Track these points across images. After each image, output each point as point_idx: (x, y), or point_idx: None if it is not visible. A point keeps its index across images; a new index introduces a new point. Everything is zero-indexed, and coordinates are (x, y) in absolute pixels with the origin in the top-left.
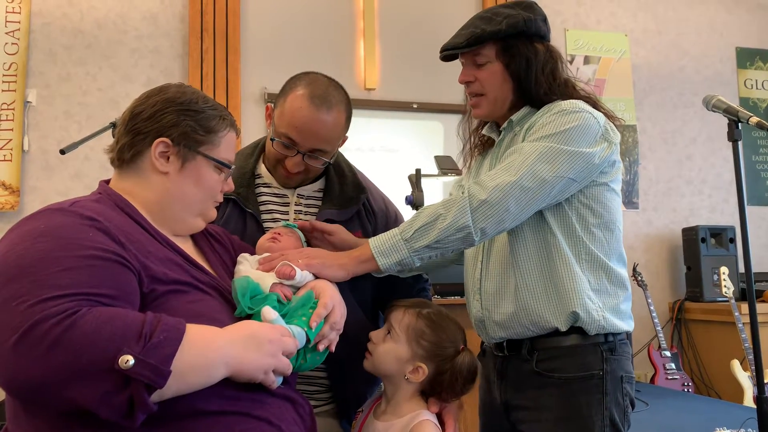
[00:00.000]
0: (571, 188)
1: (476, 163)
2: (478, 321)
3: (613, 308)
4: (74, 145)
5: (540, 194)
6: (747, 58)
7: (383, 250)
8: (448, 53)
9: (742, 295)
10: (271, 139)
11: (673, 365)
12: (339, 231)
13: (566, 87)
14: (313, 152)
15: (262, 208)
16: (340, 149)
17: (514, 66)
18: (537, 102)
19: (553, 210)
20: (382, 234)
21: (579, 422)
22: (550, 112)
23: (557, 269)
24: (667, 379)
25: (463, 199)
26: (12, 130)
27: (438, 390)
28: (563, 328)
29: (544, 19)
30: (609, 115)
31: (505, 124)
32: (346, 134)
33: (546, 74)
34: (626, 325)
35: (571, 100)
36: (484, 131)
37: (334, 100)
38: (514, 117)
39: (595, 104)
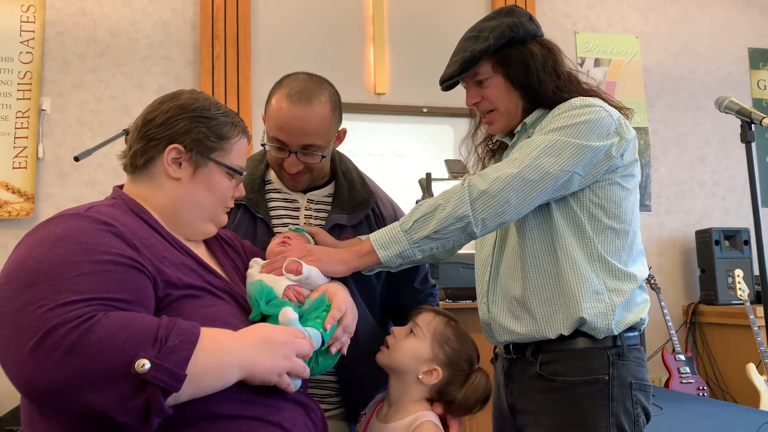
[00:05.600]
0: (576, 182)
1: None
2: (484, 324)
3: (625, 307)
4: (88, 152)
5: (542, 187)
6: (760, 58)
7: (383, 243)
8: (448, 83)
9: (757, 298)
10: (262, 145)
11: (687, 369)
12: (319, 233)
13: (571, 82)
14: (305, 148)
15: (272, 213)
16: (352, 156)
17: (513, 73)
18: (548, 102)
19: (563, 212)
20: (383, 228)
21: (583, 428)
22: (561, 108)
23: (564, 274)
24: (681, 382)
25: (462, 189)
26: (27, 137)
27: (448, 400)
28: (567, 333)
29: (530, 18)
30: (619, 107)
31: (519, 127)
32: (341, 128)
33: (548, 71)
34: (637, 317)
35: (582, 97)
36: (497, 137)
37: (314, 93)
38: (528, 120)
39: (602, 98)
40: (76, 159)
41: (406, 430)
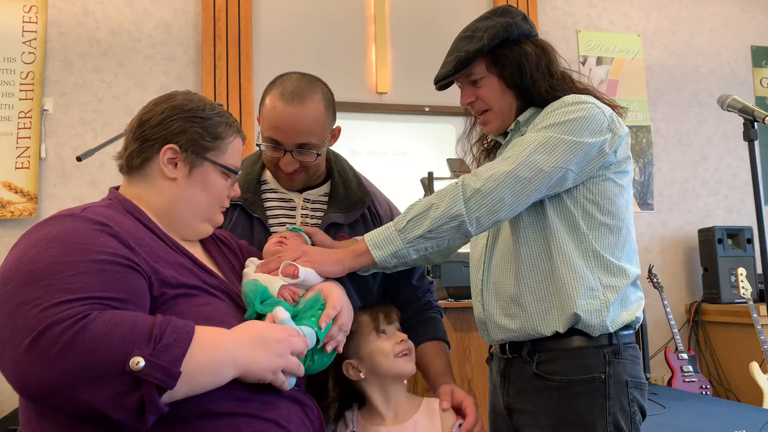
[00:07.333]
0: (570, 179)
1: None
2: (480, 322)
3: (620, 304)
4: (90, 152)
5: (536, 184)
6: (762, 56)
7: (377, 243)
8: (443, 83)
9: (761, 297)
10: (258, 145)
11: (690, 368)
12: (317, 233)
13: (564, 81)
14: (301, 147)
15: (268, 213)
16: (353, 155)
17: (507, 74)
18: (541, 101)
19: (557, 208)
20: (378, 228)
21: (580, 427)
22: (553, 106)
23: (558, 270)
24: (684, 381)
25: (456, 188)
26: (29, 138)
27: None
28: (562, 330)
29: (524, 17)
30: (612, 105)
31: (512, 126)
32: (336, 126)
33: (542, 71)
34: (632, 315)
35: (574, 95)
36: (491, 136)
37: (307, 92)
38: (521, 118)
39: (595, 96)
40: (79, 159)
41: (431, 414)
